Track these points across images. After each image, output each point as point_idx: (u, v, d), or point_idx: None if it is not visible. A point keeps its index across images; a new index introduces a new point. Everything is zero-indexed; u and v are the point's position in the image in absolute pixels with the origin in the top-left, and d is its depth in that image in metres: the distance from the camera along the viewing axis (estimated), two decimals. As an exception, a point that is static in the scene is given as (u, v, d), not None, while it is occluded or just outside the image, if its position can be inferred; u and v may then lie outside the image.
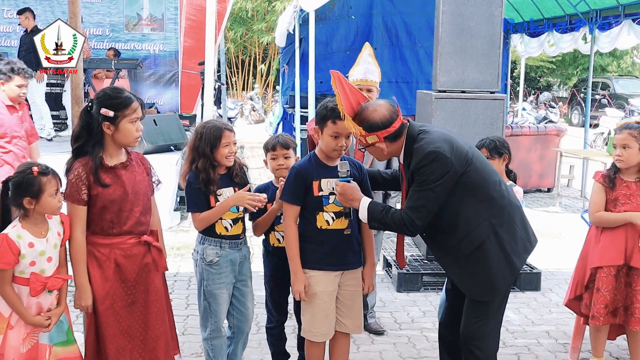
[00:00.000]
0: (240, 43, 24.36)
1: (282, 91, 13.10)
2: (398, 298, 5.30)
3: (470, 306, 3.14)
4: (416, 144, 3.00)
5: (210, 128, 3.35)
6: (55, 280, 2.86)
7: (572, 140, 12.64)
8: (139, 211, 3.00)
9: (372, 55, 4.42)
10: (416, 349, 4.32)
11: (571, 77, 27.89)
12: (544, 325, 4.83)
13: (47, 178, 2.80)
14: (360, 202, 3.11)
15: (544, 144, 9.83)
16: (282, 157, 3.57)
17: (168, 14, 12.29)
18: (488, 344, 3.14)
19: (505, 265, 3.05)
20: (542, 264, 5.93)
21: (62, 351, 2.94)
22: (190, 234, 7.01)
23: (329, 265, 3.25)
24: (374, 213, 3.07)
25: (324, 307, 3.27)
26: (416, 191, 2.98)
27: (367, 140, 3.06)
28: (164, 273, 3.21)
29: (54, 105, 10.24)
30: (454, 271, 3.19)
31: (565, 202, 9.55)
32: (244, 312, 3.54)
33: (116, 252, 2.96)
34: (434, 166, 2.93)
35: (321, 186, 3.23)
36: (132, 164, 3.05)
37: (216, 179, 3.32)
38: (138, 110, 2.98)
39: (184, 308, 4.95)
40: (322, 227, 3.24)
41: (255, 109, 21.48)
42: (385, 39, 12.38)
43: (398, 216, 3.01)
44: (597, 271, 3.82)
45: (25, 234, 2.79)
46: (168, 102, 12.39)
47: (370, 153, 3.20)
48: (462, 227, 3.02)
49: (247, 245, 3.55)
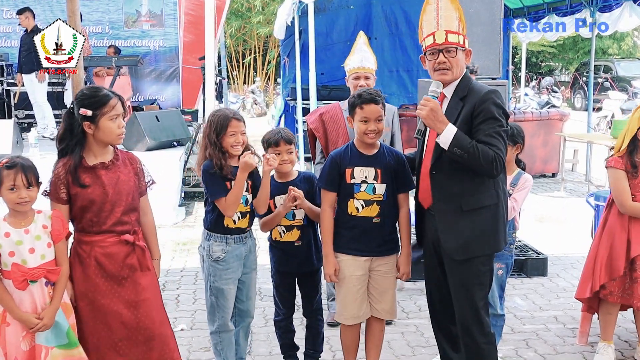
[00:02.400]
0: (239, 37, 24.31)
1: (284, 84, 13.08)
2: (405, 287, 5.30)
3: (458, 294, 3.18)
4: (472, 84, 3.12)
5: (219, 116, 3.37)
6: (37, 271, 2.84)
7: (575, 124, 12.61)
8: (120, 211, 2.98)
9: (366, 43, 4.45)
10: (424, 337, 4.33)
11: (572, 61, 27.76)
12: (551, 311, 4.84)
13: (7, 172, 2.81)
14: (447, 126, 3.01)
15: (547, 129, 9.80)
16: (286, 153, 3.56)
17: (167, 9, 12.28)
18: (485, 328, 3.17)
19: (491, 238, 3.13)
20: (548, 250, 5.93)
21: (62, 354, 2.89)
22: (196, 229, 7.03)
23: (357, 250, 3.36)
24: (461, 140, 2.98)
25: (353, 291, 3.39)
26: (496, 133, 2.99)
27: (464, 42, 3.12)
28: (153, 274, 3.14)
29: (56, 104, 10.24)
30: (444, 219, 3.16)
31: (570, 187, 9.54)
32: (245, 302, 3.55)
33: (96, 250, 2.96)
34: (500, 105, 3.01)
35: (354, 174, 3.34)
36: (117, 164, 3.03)
37: (228, 165, 3.33)
38: (117, 106, 2.96)
39: (192, 303, 4.97)
40: (352, 213, 3.34)
41: (257, 102, 21.46)
42: (385, 28, 12.35)
43: (490, 154, 2.95)
44: (636, 261, 3.73)
45: (4, 224, 2.83)
46: (170, 98, 12.40)
47: (449, 65, 3.11)
48: (473, 185, 3.07)
49: (253, 237, 3.56)
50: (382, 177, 3.33)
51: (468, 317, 3.16)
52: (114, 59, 10.02)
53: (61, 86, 10.70)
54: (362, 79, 4.26)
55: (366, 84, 4.22)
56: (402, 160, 3.41)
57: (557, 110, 11.29)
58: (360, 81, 4.25)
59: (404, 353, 4.12)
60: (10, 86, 10.82)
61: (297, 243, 3.59)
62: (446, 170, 3.10)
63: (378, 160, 3.36)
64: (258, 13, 22.66)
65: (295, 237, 3.58)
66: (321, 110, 4.50)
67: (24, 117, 10.85)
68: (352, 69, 4.31)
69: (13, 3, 11.60)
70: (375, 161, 3.36)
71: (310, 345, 3.77)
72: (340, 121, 4.33)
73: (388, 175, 3.34)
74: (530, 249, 5.82)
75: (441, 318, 3.41)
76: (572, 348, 4.19)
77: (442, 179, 3.14)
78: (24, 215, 2.88)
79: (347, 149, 3.42)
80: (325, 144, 4.37)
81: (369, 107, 3.27)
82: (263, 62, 25.15)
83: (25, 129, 9.81)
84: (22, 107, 10.71)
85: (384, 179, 3.33)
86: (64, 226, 2.96)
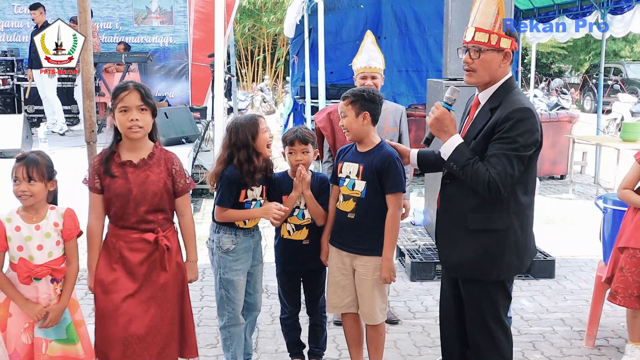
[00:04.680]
0: (249, 35, 24.34)
1: (292, 82, 13.09)
2: (412, 287, 5.30)
3: (468, 312, 3.04)
4: (510, 95, 2.83)
5: (244, 119, 3.42)
6: (42, 269, 2.86)
7: (584, 126, 12.56)
8: (144, 210, 2.97)
9: (374, 42, 4.46)
10: (430, 337, 4.32)
11: (583, 62, 27.65)
12: (558, 313, 4.82)
13: (15, 165, 2.87)
14: (451, 137, 2.88)
15: (556, 131, 9.76)
16: (300, 152, 3.53)
17: (177, 6, 12.30)
18: (499, 346, 3.00)
19: (496, 264, 2.89)
20: (555, 251, 5.91)
21: (61, 349, 2.91)
22: (203, 225, 7.03)
23: (337, 243, 3.47)
24: (459, 155, 2.82)
25: (333, 281, 3.50)
26: (503, 155, 2.73)
27: (499, 42, 2.82)
28: (180, 276, 3.14)
29: (65, 99, 10.29)
30: (447, 234, 3.02)
31: (578, 189, 9.50)
32: (253, 294, 3.57)
33: (121, 243, 2.98)
34: (525, 125, 2.73)
35: (342, 168, 3.44)
36: (149, 163, 3.00)
37: (260, 166, 3.36)
38: (125, 98, 2.91)
39: (199, 300, 4.98)
40: (337, 206, 3.46)
41: (265, 101, 21.48)
42: (394, 27, 12.35)
43: (483, 175, 2.74)
44: (623, 251, 3.82)
45: (16, 217, 2.87)
46: (179, 95, 12.42)
47: (474, 66, 2.89)
48: (484, 204, 2.84)
49: (259, 231, 3.59)
50: (362, 174, 3.34)
51: (477, 336, 3.03)
52: (123, 55, 10.05)
53: (71, 82, 10.74)
54: (369, 78, 4.26)
55: (373, 83, 4.22)
56: (392, 161, 3.31)
57: (567, 112, 11.27)
58: (367, 81, 4.25)
59: (410, 353, 4.12)
60: (21, 81, 10.86)
61: (305, 242, 3.59)
62: (459, 182, 2.91)
63: (365, 158, 3.36)
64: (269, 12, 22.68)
65: (304, 236, 3.58)
66: (329, 109, 4.49)
67: (34, 112, 10.90)
68: (359, 69, 4.32)
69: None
70: (361, 158, 3.37)
71: (314, 343, 3.78)
72: (348, 120, 4.33)
73: (370, 173, 3.32)
74: (537, 251, 5.80)
75: (448, 335, 3.28)
76: (579, 351, 4.17)
77: (454, 190, 2.98)
78: (36, 210, 2.89)
79: (351, 145, 3.49)
80: (333, 142, 4.37)
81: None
82: (272, 60, 25.16)
83: (34, 124, 9.86)
84: (32, 102, 10.76)
85: (365, 176, 3.33)
86: (76, 225, 2.98)
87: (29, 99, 10.65)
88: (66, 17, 11.45)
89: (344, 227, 3.40)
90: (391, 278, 3.36)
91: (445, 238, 3.06)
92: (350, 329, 3.58)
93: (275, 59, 24.96)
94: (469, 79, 2.94)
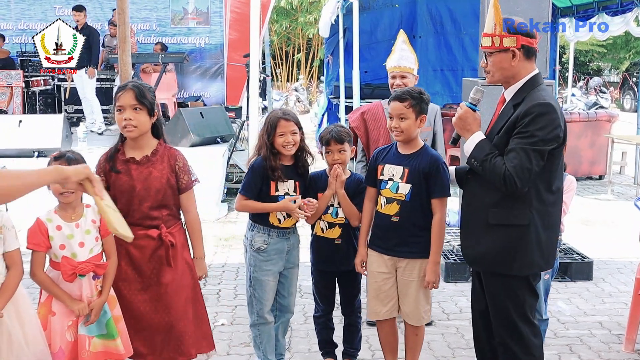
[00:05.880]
0: (284, 35, 24.44)
1: (327, 82, 13.09)
2: (446, 288, 5.26)
3: (492, 308, 3.03)
4: (534, 91, 2.86)
5: (270, 117, 3.46)
6: (86, 266, 2.90)
7: (624, 126, 12.31)
8: (147, 206, 3.03)
9: (406, 42, 4.44)
10: (464, 339, 4.29)
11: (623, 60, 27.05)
12: (596, 316, 4.74)
13: (54, 163, 2.89)
14: (472, 134, 2.95)
15: (595, 130, 9.59)
16: (337, 152, 3.54)
17: (213, 7, 12.43)
18: (526, 342, 2.98)
19: (517, 259, 2.88)
20: (594, 253, 5.81)
21: (102, 344, 2.95)
22: (238, 224, 7.10)
23: (379, 247, 3.42)
24: (479, 152, 2.88)
25: (375, 287, 3.45)
26: (521, 149, 2.76)
27: (502, 42, 2.87)
28: (189, 270, 3.18)
29: (104, 99, 10.47)
30: (469, 226, 3.05)
31: (617, 190, 9.31)
32: (287, 297, 3.59)
33: None
34: (545, 120, 2.75)
35: (384, 171, 3.38)
36: (152, 160, 3.07)
37: (278, 166, 3.38)
38: (121, 98, 3.01)
39: (232, 298, 5.02)
40: (378, 209, 3.41)
41: (300, 100, 21.55)
42: (429, 27, 12.26)
43: (500, 169, 2.78)
44: None
45: (56, 217, 2.91)
46: (214, 95, 12.55)
47: (488, 69, 2.97)
48: (505, 199, 2.85)
49: (296, 234, 3.59)
50: (408, 177, 3.31)
51: (502, 332, 3.01)
52: (160, 56, 10.19)
53: (110, 82, 10.93)
54: (398, 77, 4.25)
55: (402, 83, 4.20)
56: (438, 165, 3.31)
57: (605, 111, 11.06)
58: (396, 80, 4.24)
59: (443, 354, 4.09)
60: (61, 82, 11.09)
61: (337, 241, 3.59)
62: (480, 177, 2.95)
63: (410, 160, 3.34)
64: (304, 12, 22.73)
65: (336, 235, 3.59)
66: (363, 109, 4.50)
67: (73, 112, 11.13)
68: (390, 68, 4.33)
69: (65, 0, 11.89)
70: (406, 161, 3.35)
71: (349, 343, 3.78)
72: (381, 120, 4.32)
73: (416, 176, 3.30)
74: (575, 252, 5.71)
75: (479, 333, 3.26)
76: (617, 355, 4.09)
77: (476, 185, 3.01)
78: (74, 209, 2.95)
79: (389, 147, 3.46)
80: (366, 142, 4.37)
81: (393, 104, 3.35)
82: (307, 60, 25.21)
83: (74, 124, 10.06)
84: (72, 102, 10.98)
85: (410, 179, 3.31)
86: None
87: (69, 99, 10.87)
88: (106, 18, 11.68)
89: (387, 230, 3.37)
90: (437, 283, 3.36)
91: (467, 232, 3.09)
92: (386, 335, 3.55)
93: (311, 58, 25.00)
94: (489, 80, 3.04)
